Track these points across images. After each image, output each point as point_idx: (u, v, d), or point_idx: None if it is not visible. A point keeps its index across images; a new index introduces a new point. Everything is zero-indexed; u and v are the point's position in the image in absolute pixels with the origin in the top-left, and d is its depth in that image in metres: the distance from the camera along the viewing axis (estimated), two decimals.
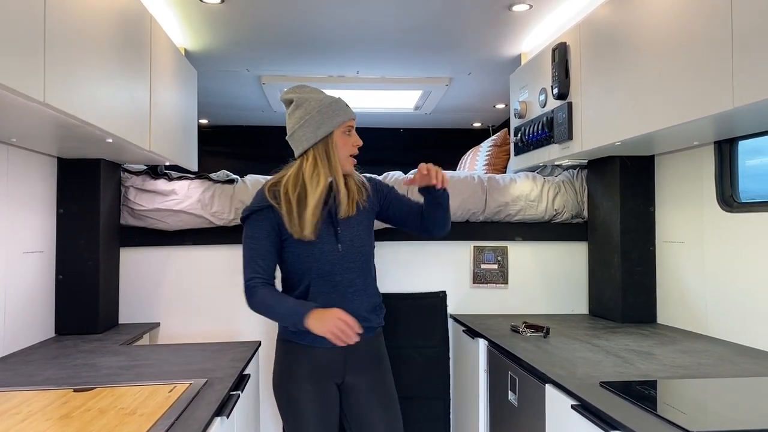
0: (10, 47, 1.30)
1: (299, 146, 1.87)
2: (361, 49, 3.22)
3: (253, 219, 1.86)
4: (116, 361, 1.93)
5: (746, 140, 2.08)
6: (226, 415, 1.47)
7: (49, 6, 1.45)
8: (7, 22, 1.29)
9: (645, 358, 1.86)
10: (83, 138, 1.91)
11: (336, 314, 1.73)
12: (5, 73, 1.27)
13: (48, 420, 1.32)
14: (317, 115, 1.85)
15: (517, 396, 1.96)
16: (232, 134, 5.34)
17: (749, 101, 1.47)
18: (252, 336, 2.74)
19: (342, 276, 1.88)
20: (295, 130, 1.86)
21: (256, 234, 1.85)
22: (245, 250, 1.86)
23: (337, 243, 1.88)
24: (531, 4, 2.66)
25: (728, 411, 1.34)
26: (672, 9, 1.77)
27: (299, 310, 1.76)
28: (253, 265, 1.84)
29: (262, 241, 1.85)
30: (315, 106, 1.86)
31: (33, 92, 1.38)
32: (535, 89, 2.71)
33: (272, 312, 1.83)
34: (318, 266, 1.86)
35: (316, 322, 1.73)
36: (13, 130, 1.82)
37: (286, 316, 1.80)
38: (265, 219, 1.85)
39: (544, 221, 2.93)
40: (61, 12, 1.53)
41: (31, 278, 2.21)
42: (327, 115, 1.86)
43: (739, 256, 2.07)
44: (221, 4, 2.62)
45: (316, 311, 1.75)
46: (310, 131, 1.85)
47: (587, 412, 1.41)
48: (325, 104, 1.87)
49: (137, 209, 2.68)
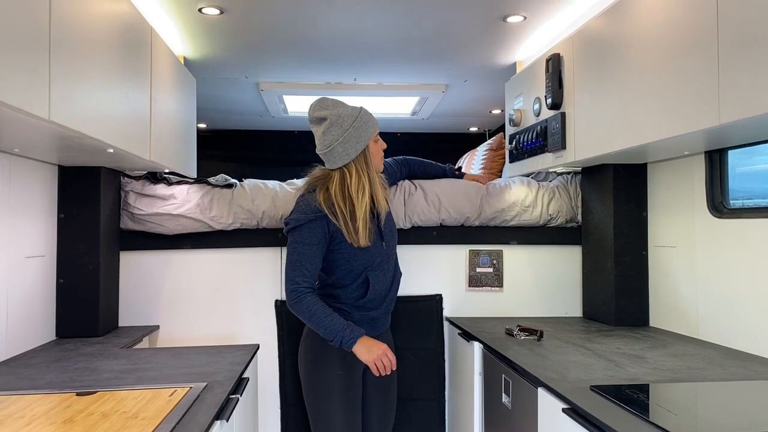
0: (17, 65, 1.32)
1: (339, 161, 2.02)
2: (359, 57, 3.26)
3: (306, 227, 1.99)
4: (117, 364, 1.97)
5: (736, 149, 2.12)
6: (225, 418, 1.50)
7: (53, 23, 1.48)
8: (15, 42, 1.31)
9: (636, 361, 1.90)
10: (85, 148, 1.95)
11: (383, 349, 1.97)
12: (11, 91, 1.29)
13: (52, 424, 1.35)
14: (354, 132, 2.00)
15: (511, 399, 2.00)
16: (230, 138, 5.38)
17: (734, 118, 1.51)
18: (250, 339, 2.77)
19: (388, 264, 2.13)
20: (334, 147, 2.00)
21: (308, 240, 1.99)
22: (293, 254, 1.99)
23: (382, 241, 2.11)
24: (525, 15, 2.70)
25: (716, 415, 1.38)
26: (661, 24, 1.81)
27: (349, 333, 1.95)
28: (300, 268, 1.98)
29: (312, 247, 1.99)
30: (350, 122, 2.00)
31: (38, 110, 1.40)
32: (530, 98, 2.75)
33: (318, 322, 1.96)
34: (373, 262, 2.08)
35: (364, 350, 1.95)
36: (16, 142, 1.85)
37: (334, 332, 1.95)
38: (319, 227, 1.99)
39: (538, 225, 2.97)
40: (66, 28, 1.56)
41: (32, 282, 2.24)
42: (362, 130, 2.02)
43: (728, 260, 2.11)
44: (221, 15, 2.65)
45: (366, 339, 1.96)
46: (351, 147, 2.00)
47: (577, 415, 1.45)
48: (356, 118, 2.02)
49: (137, 213, 2.71)
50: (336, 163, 2.04)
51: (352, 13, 2.64)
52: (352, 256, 2.05)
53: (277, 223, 2.78)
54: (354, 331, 1.96)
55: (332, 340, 1.96)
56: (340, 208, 2.00)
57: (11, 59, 1.30)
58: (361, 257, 2.05)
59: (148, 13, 2.54)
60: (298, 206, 2.05)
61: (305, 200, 2.04)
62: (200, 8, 2.56)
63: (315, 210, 1.99)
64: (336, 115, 2.01)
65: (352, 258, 2.05)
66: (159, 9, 2.56)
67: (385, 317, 2.23)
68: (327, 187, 2.04)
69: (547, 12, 2.67)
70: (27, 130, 1.60)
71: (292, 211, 2.06)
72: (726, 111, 1.53)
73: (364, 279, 2.08)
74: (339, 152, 2.01)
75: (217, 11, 2.61)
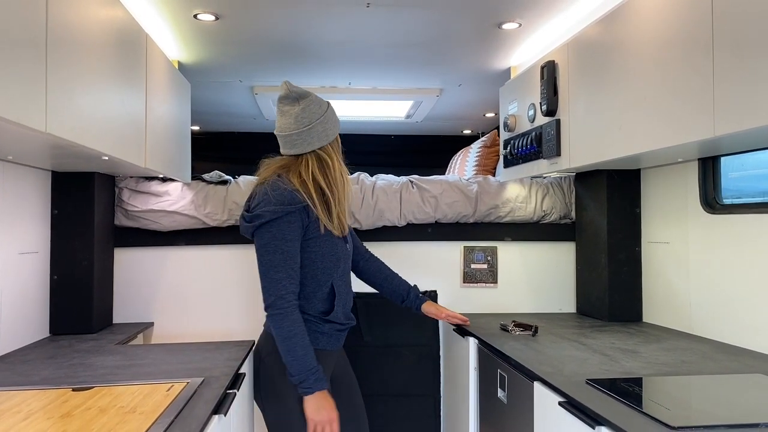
0: (14, 77, 1.30)
1: (317, 142, 1.84)
2: (353, 61, 3.26)
3: (285, 220, 1.75)
4: (112, 360, 1.96)
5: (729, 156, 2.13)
6: (223, 413, 1.50)
7: (50, 31, 1.46)
8: (12, 52, 1.29)
9: (630, 355, 1.91)
10: (79, 156, 1.95)
11: (332, 418, 1.75)
12: (8, 104, 1.27)
13: (49, 419, 1.35)
14: (331, 114, 1.90)
15: (507, 393, 2.01)
16: (223, 140, 5.39)
17: (730, 130, 1.50)
18: (244, 335, 2.77)
19: (348, 272, 1.95)
20: (315, 125, 1.83)
21: (288, 235, 1.75)
22: (274, 253, 1.74)
23: (346, 243, 1.95)
24: (520, 22, 2.70)
25: (710, 407, 1.40)
26: (657, 34, 1.81)
27: (314, 380, 1.72)
28: (286, 269, 1.75)
29: (294, 244, 1.77)
30: (326, 105, 1.90)
31: (35, 123, 1.38)
32: (524, 103, 2.75)
33: (292, 349, 1.72)
34: (341, 263, 1.89)
35: (315, 406, 1.73)
36: (9, 150, 1.85)
37: (302, 369, 1.72)
38: (298, 220, 1.77)
39: (532, 222, 2.98)
40: (62, 37, 1.54)
41: (26, 279, 2.23)
42: (335, 116, 1.93)
43: (722, 256, 2.14)
44: (216, 21, 2.64)
45: (322, 396, 1.74)
46: (330, 127, 1.88)
47: (574, 408, 1.46)
48: (329, 104, 1.93)
49: (131, 210, 2.70)
50: (312, 144, 1.83)
51: (347, 18, 2.64)
52: (318, 257, 1.83)
53: None
54: (319, 380, 1.73)
55: (293, 375, 1.73)
56: (324, 191, 1.81)
57: (8, 71, 1.27)
58: (332, 253, 1.85)
59: (143, 19, 2.53)
60: (266, 196, 1.77)
61: (276, 188, 1.78)
62: (195, 14, 2.55)
63: (292, 199, 1.76)
64: (314, 96, 1.90)
65: (319, 259, 1.83)
66: (154, 15, 2.54)
67: (345, 332, 2.02)
68: (299, 173, 1.82)
69: (543, 19, 2.67)
70: (22, 141, 1.60)
71: (259, 202, 1.78)
72: (721, 123, 1.53)
73: (329, 289, 1.87)
74: (318, 132, 1.83)
75: (213, 17, 2.59)
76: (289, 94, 1.87)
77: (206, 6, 2.49)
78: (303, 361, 1.72)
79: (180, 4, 2.45)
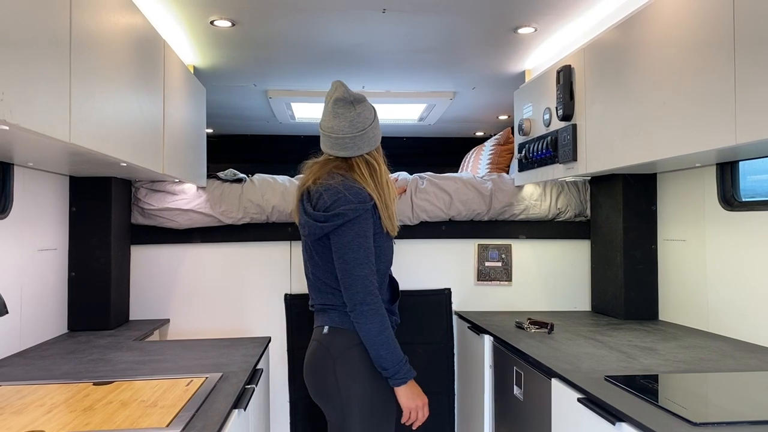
0: (39, 88, 1.31)
1: (366, 146, 1.87)
2: (367, 65, 3.27)
3: (364, 218, 1.77)
4: (131, 356, 1.98)
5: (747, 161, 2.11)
6: (243, 407, 1.51)
7: (74, 41, 1.47)
8: (38, 63, 1.30)
9: (648, 353, 1.90)
10: (99, 162, 1.96)
11: (425, 402, 1.83)
12: (35, 116, 1.28)
13: (72, 412, 1.36)
14: (378, 120, 1.93)
15: (523, 390, 2.01)
16: (236, 143, 5.42)
17: (752, 138, 1.47)
18: (259, 332, 2.79)
19: None
20: (368, 130, 1.87)
21: (368, 232, 1.78)
22: (358, 250, 1.75)
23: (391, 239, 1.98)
24: (536, 27, 2.69)
25: (729, 403, 1.39)
26: (676, 40, 1.78)
27: (407, 369, 1.78)
28: (371, 266, 1.76)
29: (371, 240, 1.80)
30: (374, 111, 1.93)
31: (59, 133, 1.40)
32: (539, 107, 2.72)
33: (385, 342, 1.75)
34: (390, 261, 1.93)
35: (409, 394, 1.79)
36: (30, 157, 1.87)
37: (395, 361, 1.75)
38: (370, 218, 1.80)
39: (547, 220, 2.97)
40: (85, 47, 1.55)
41: (45, 275, 2.25)
42: (378, 122, 1.96)
43: (739, 253, 2.12)
44: (232, 27, 2.65)
45: (414, 383, 1.81)
46: (378, 132, 1.92)
47: (593, 404, 1.46)
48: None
49: (147, 208, 2.72)
50: (362, 149, 1.86)
51: (362, 24, 2.64)
52: (382, 252, 1.86)
53: (287, 218, 2.79)
54: (410, 370, 1.79)
55: (387, 368, 1.75)
56: (383, 191, 1.86)
57: (34, 81, 1.28)
58: (386, 254, 1.89)
59: (160, 25, 2.54)
60: (341, 195, 1.77)
61: (350, 186, 1.79)
62: (212, 21, 2.56)
63: (366, 198, 1.79)
64: (367, 101, 1.92)
65: (382, 254, 1.86)
66: (172, 22, 2.56)
67: None
68: (359, 174, 1.86)
69: (558, 24, 2.66)
70: (43, 148, 1.61)
71: (335, 201, 1.77)
72: (743, 130, 1.49)
73: (389, 281, 1.93)
74: (369, 137, 1.87)
75: (229, 23, 2.60)
76: (346, 97, 1.87)
77: (223, 12, 2.50)
78: (396, 353, 1.76)
79: (197, 11, 2.47)
